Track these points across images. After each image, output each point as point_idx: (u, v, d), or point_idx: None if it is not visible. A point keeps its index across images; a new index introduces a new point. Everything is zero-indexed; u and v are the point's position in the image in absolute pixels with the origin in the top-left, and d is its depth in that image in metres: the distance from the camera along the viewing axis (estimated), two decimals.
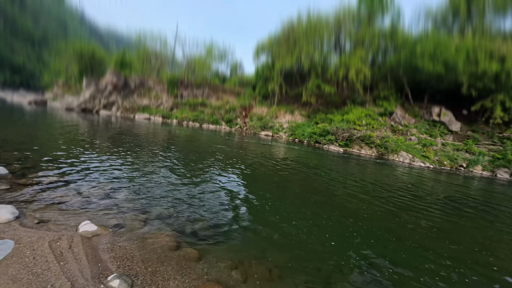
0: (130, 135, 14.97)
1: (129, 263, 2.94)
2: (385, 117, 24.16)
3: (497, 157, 18.15)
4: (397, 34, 25.78)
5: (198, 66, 39.63)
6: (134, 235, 3.63)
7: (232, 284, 2.92)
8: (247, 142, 19.68)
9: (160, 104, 36.55)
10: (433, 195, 8.94)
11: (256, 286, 2.98)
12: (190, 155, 10.91)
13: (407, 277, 3.51)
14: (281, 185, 7.66)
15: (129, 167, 7.25)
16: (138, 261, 3.01)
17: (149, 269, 2.89)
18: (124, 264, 2.90)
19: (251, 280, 3.05)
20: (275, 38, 32.32)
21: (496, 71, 18.94)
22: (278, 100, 32.56)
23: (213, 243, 3.79)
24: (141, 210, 4.52)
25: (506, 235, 5.65)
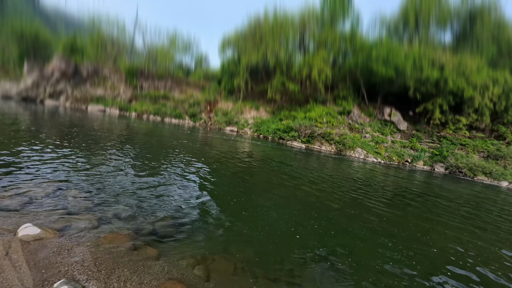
0: (81, 128, 13.67)
1: (79, 267, 2.70)
2: (343, 115, 25.72)
3: (435, 153, 20.63)
4: (356, 38, 27.51)
5: (160, 56, 37.62)
6: (85, 236, 3.34)
7: (194, 281, 2.87)
8: (212, 137, 19.37)
9: (117, 95, 33.94)
10: (383, 187, 9.83)
11: (220, 281, 2.97)
12: (150, 150, 10.37)
13: (364, 264, 3.81)
14: (245, 181, 7.71)
15: (80, 163, 6.63)
16: (90, 264, 2.78)
17: (103, 272, 2.69)
18: (73, 269, 2.66)
19: (214, 276, 3.03)
20: (242, 33, 32.12)
21: (437, 78, 21.38)
22: (243, 96, 32.55)
23: (173, 240, 3.67)
24: (93, 209, 4.17)
25: (442, 219, 6.47)
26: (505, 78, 20.65)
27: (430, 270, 3.90)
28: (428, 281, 3.61)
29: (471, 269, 4.10)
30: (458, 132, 22.36)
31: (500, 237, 5.88)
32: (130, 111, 31.66)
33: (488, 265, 4.34)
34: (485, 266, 4.29)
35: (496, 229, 6.43)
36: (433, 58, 22.10)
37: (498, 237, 5.86)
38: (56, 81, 32.33)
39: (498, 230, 6.42)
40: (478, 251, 4.85)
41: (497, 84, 20.59)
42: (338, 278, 3.37)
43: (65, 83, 32.89)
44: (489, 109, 21.24)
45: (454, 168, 18.09)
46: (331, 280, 3.33)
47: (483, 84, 20.61)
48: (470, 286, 3.62)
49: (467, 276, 3.88)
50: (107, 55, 39.70)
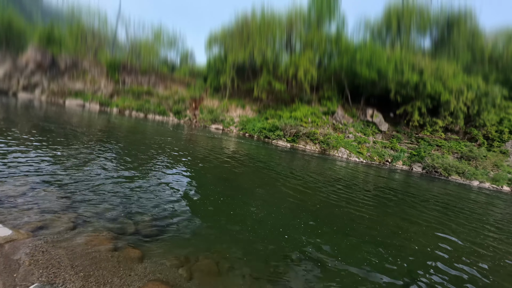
0: (58, 124, 13.02)
1: (55, 270, 2.57)
2: (328, 116, 26.21)
3: (414, 154, 21.52)
4: (341, 40, 28.07)
5: (144, 51, 36.54)
6: (62, 237, 3.18)
7: (178, 282, 2.81)
8: (197, 135, 19.10)
9: (98, 89, 32.64)
10: (365, 186, 10.12)
11: (204, 281, 2.94)
12: (133, 148, 10.07)
13: (347, 261, 3.90)
14: (230, 180, 7.67)
15: (57, 161, 6.31)
16: (66, 267, 2.65)
17: (81, 275, 2.58)
18: (49, 272, 2.53)
19: (199, 276, 2.99)
20: (229, 30, 31.84)
21: (416, 81, 22.28)
22: (229, 94, 32.34)
23: (157, 241, 3.58)
24: (71, 209, 3.98)
25: (419, 217, 6.76)
26: (478, 84, 21.87)
27: (408, 265, 4.05)
28: (407, 275, 3.75)
29: (447, 263, 4.31)
30: (435, 134, 23.46)
31: (472, 233, 6.23)
32: (111, 106, 30.55)
33: (461, 258, 4.58)
34: (458, 259, 4.52)
35: (468, 225, 6.81)
36: (413, 63, 23.01)
37: (470, 233, 6.21)
38: (30, 72, 30.55)
39: (470, 226, 6.80)
40: (452, 246, 5.11)
41: (471, 89, 21.77)
42: (322, 276, 3.43)
43: (40, 75, 31.15)
44: (463, 113, 22.42)
45: (431, 168, 18.96)
46: (316, 278, 3.39)
47: (458, 88, 21.72)
48: (445, 278, 3.81)
49: (443, 269, 4.08)
50: (87, 48, 37.99)
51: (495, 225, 7.40)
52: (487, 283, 3.90)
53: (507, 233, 6.81)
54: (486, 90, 21.76)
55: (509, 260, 4.94)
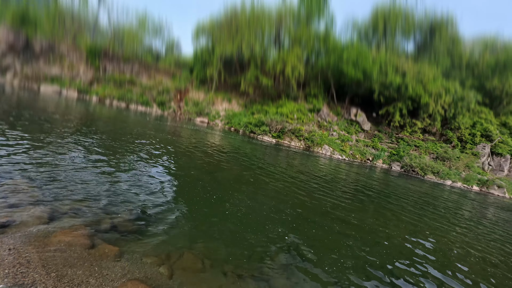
0: (32, 111, 12.23)
1: (23, 270, 2.39)
2: (313, 113, 26.52)
3: (393, 153, 22.32)
4: (329, 39, 28.33)
5: (127, 37, 35.01)
6: (33, 234, 2.97)
7: (159, 281, 2.71)
8: (181, 128, 18.69)
9: (76, 76, 30.99)
10: (347, 183, 10.36)
11: (186, 279, 2.85)
12: (113, 140, 9.66)
13: (326, 255, 3.95)
14: (214, 175, 7.56)
15: (28, 152, 5.91)
16: (37, 266, 2.47)
17: (53, 275, 2.41)
18: (16, 272, 2.34)
19: (181, 274, 2.91)
20: (217, 21, 31.16)
21: (399, 83, 22.99)
22: (216, 87, 31.84)
23: (136, 237, 3.43)
24: (43, 203, 3.73)
25: (396, 213, 7.01)
26: (455, 88, 22.94)
27: (385, 256, 4.18)
28: (383, 266, 3.87)
29: (421, 256, 4.50)
30: (414, 135, 24.43)
31: (444, 227, 6.55)
32: (90, 94, 29.13)
33: (433, 250, 4.80)
34: (430, 251, 4.73)
35: (441, 220, 7.15)
36: (397, 65, 23.70)
37: (443, 227, 6.52)
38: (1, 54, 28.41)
39: (443, 220, 7.15)
40: (427, 239, 5.34)
41: (448, 93, 22.80)
42: (304, 271, 3.45)
43: (13, 57, 29.05)
44: (440, 115, 23.48)
45: (408, 167, 19.77)
46: (297, 272, 3.40)
47: (437, 92, 22.67)
48: (421, 268, 3.96)
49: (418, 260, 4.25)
50: (66, 31, 35.79)
51: (464, 222, 7.83)
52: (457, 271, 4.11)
53: (473, 227, 7.23)
54: (462, 94, 22.88)
55: (475, 250, 5.24)
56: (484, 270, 4.61)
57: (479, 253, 5.43)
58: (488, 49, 26.25)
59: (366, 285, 3.44)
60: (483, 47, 26.61)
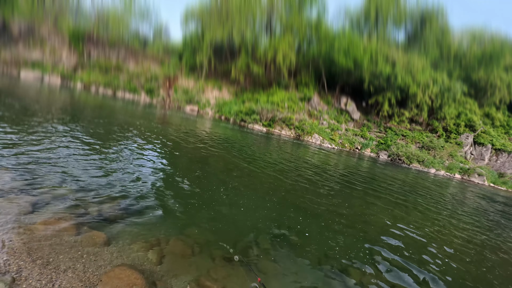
0: (13, 98, 11.71)
1: (7, 257, 2.36)
2: (304, 102, 26.56)
3: (381, 142, 22.81)
4: (321, 27, 28.02)
5: (112, 21, 33.48)
6: (16, 222, 2.91)
7: (147, 266, 2.74)
8: (171, 116, 18.38)
9: (59, 61, 29.65)
10: (335, 172, 10.57)
11: (175, 264, 2.89)
12: (98, 127, 9.42)
13: (313, 239, 4.07)
14: (204, 163, 7.55)
15: (10, 138, 5.70)
16: (21, 254, 2.44)
17: (38, 262, 2.39)
18: (0, 260, 2.31)
19: (169, 259, 2.94)
20: (207, 6, 30.20)
21: (389, 73, 23.19)
22: (206, 74, 31.23)
23: (124, 224, 3.42)
24: (27, 191, 3.64)
25: (382, 200, 7.26)
26: (443, 79, 23.37)
27: (371, 241, 4.36)
28: (369, 250, 4.04)
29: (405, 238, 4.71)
30: (401, 124, 24.95)
31: (427, 213, 6.86)
32: (74, 81, 28.03)
33: (418, 234, 5.04)
34: (416, 235, 4.96)
35: (426, 207, 7.47)
36: (387, 55, 23.82)
37: (426, 213, 6.82)
38: None
39: (427, 206, 7.47)
40: (412, 224, 5.59)
41: (436, 83, 23.22)
42: (291, 255, 3.55)
43: None
44: (427, 105, 23.98)
45: (395, 156, 20.31)
46: (285, 257, 3.50)
47: (425, 82, 23.05)
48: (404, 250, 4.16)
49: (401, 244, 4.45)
50: (46, 12, 33.78)
51: (446, 207, 8.20)
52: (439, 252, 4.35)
53: (453, 212, 7.60)
54: (449, 85, 23.37)
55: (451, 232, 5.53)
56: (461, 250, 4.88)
57: (457, 233, 5.72)
58: (475, 41, 26.65)
59: (352, 264, 3.58)
60: (471, 39, 26.98)
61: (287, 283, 3.04)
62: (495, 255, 5.07)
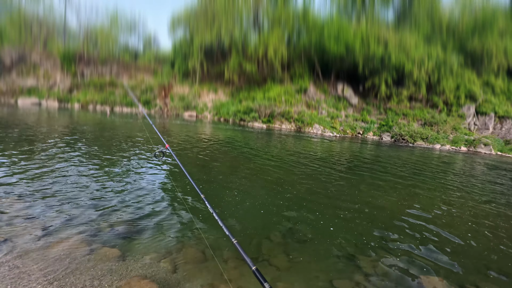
0: (12, 126, 11.85)
1: (25, 283, 2.41)
2: (300, 93, 26.48)
3: (382, 124, 22.69)
4: (308, 16, 27.84)
5: (101, 38, 33.60)
6: (30, 248, 2.97)
7: (161, 275, 2.78)
8: (170, 124, 18.47)
9: (54, 84, 29.87)
10: (339, 159, 10.56)
11: (188, 270, 2.94)
12: (100, 144, 9.51)
13: (324, 230, 4.09)
14: (208, 166, 7.59)
15: (13, 166, 5.78)
16: (38, 277, 2.50)
17: (55, 284, 2.45)
18: (17, 284, 2.37)
19: (183, 266, 2.98)
20: (192, 10, 30.17)
21: (382, 54, 23.00)
22: (200, 78, 31.25)
23: (135, 237, 3.48)
24: (37, 216, 3.71)
25: (390, 182, 7.24)
26: (437, 53, 23.11)
27: (382, 226, 4.36)
28: (381, 235, 4.05)
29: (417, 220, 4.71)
30: (401, 104, 24.77)
31: (438, 191, 6.83)
32: (71, 102, 28.23)
33: (431, 217, 5.03)
34: (429, 218, 4.96)
35: (435, 185, 7.44)
36: (378, 35, 23.60)
37: (437, 192, 6.80)
38: None
39: (437, 185, 7.44)
40: (421, 204, 5.58)
41: (431, 58, 22.97)
42: (304, 248, 3.58)
43: None
44: (425, 82, 23.76)
45: (398, 136, 20.19)
46: (297, 250, 3.53)
47: (420, 59, 22.82)
48: (417, 235, 4.17)
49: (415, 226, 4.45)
50: (34, 38, 34.06)
51: (455, 182, 8.16)
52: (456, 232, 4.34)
53: (464, 187, 7.56)
54: (445, 58, 23.11)
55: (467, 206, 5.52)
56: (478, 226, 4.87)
57: (471, 209, 5.70)
58: (466, 9, 26.25)
59: (365, 252, 3.60)
60: (462, 8, 26.57)
61: (301, 277, 3.07)
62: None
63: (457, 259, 3.62)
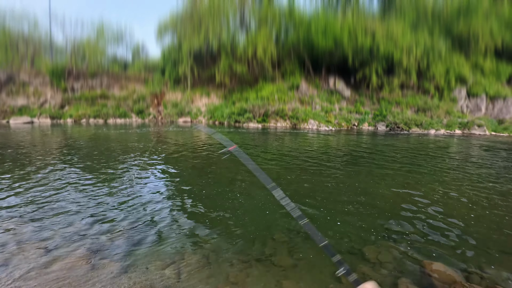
0: (5, 147, 11.71)
1: None
2: (293, 90, 26.54)
3: (376, 114, 22.82)
4: (294, 13, 27.89)
5: (88, 51, 33.33)
6: (30, 267, 2.93)
7: (166, 283, 2.76)
8: (165, 132, 18.38)
9: (44, 102, 29.57)
10: (337, 151, 10.59)
11: (193, 277, 2.92)
12: (96, 158, 9.43)
13: (329, 227, 4.10)
14: (206, 171, 7.56)
15: (8, 186, 5.71)
16: None
17: None
18: None
19: (187, 273, 2.96)
20: (178, 16, 30.06)
21: (370, 44, 23.12)
22: (191, 84, 31.16)
23: (137, 249, 3.45)
24: (36, 236, 3.66)
25: (388, 170, 7.28)
26: (425, 40, 23.30)
27: (385, 216, 4.38)
28: (384, 224, 4.06)
29: (419, 207, 4.74)
30: (393, 92, 24.94)
31: (436, 175, 6.88)
32: (64, 118, 27.96)
33: (432, 202, 5.07)
34: (429, 203, 4.99)
35: (432, 169, 7.50)
36: (365, 27, 23.73)
37: (435, 176, 6.85)
38: None
39: (434, 170, 7.50)
40: (423, 191, 5.61)
41: (419, 45, 23.16)
42: (309, 244, 3.58)
43: None
44: (414, 68, 23.95)
45: (393, 125, 20.33)
46: (302, 247, 3.53)
47: (408, 46, 22.99)
48: (419, 222, 4.19)
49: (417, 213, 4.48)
50: (21, 57, 33.71)
51: (453, 164, 8.23)
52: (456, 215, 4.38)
53: (461, 169, 7.63)
54: (432, 44, 23.31)
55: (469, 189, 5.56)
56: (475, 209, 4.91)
57: (470, 191, 5.75)
58: None
59: (370, 243, 3.60)
60: None
61: (307, 273, 3.06)
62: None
63: (460, 242, 3.65)
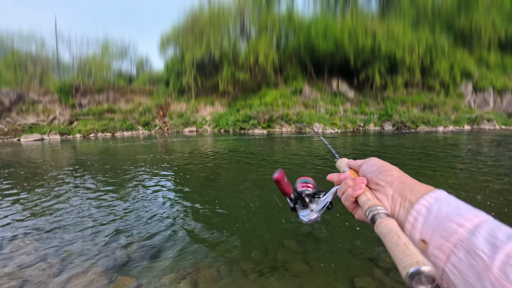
0: (16, 165, 11.98)
1: None
2: (296, 95, 26.58)
3: (382, 114, 22.63)
4: (294, 18, 28.18)
5: (94, 67, 34.17)
6: (51, 285, 2.97)
7: None
8: (171, 142, 18.56)
9: (54, 119, 30.29)
10: (344, 156, 10.49)
11: (209, 286, 2.90)
12: (107, 172, 9.56)
13: (340, 232, 4.04)
14: (215, 181, 7.58)
15: (19, 206, 5.82)
16: None
17: None
18: None
19: (202, 285, 2.95)
20: (179, 28, 30.68)
21: (371, 45, 23.12)
22: (195, 93, 31.54)
23: (152, 263, 3.46)
24: (50, 255, 3.71)
25: None
26: (426, 37, 23.19)
27: None
28: None
29: None
30: (397, 91, 24.74)
31: (447, 172, 6.75)
32: (73, 133, 28.55)
33: None
34: None
35: (443, 169, 7.36)
36: (366, 27, 23.78)
37: (446, 173, 6.72)
38: None
39: (444, 164, 7.36)
40: None
41: (421, 43, 23.04)
42: (322, 249, 3.53)
43: None
44: (418, 66, 23.77)
45: (400, 124, 20.09)
46: (315, 252, 3.48)
47: (410, 44, 22.90)
48: None
49: None
50: (30, 76, 34.77)
51: (463, 162, 8.06)
52: None
53: (473, 166, 7.46)
54: (435, 41, 23.15)
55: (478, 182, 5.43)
56: None
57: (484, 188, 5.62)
58: None
59: (382, 245, 3.54)
60: None
61: (321, 279, 3.02)
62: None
63: None
